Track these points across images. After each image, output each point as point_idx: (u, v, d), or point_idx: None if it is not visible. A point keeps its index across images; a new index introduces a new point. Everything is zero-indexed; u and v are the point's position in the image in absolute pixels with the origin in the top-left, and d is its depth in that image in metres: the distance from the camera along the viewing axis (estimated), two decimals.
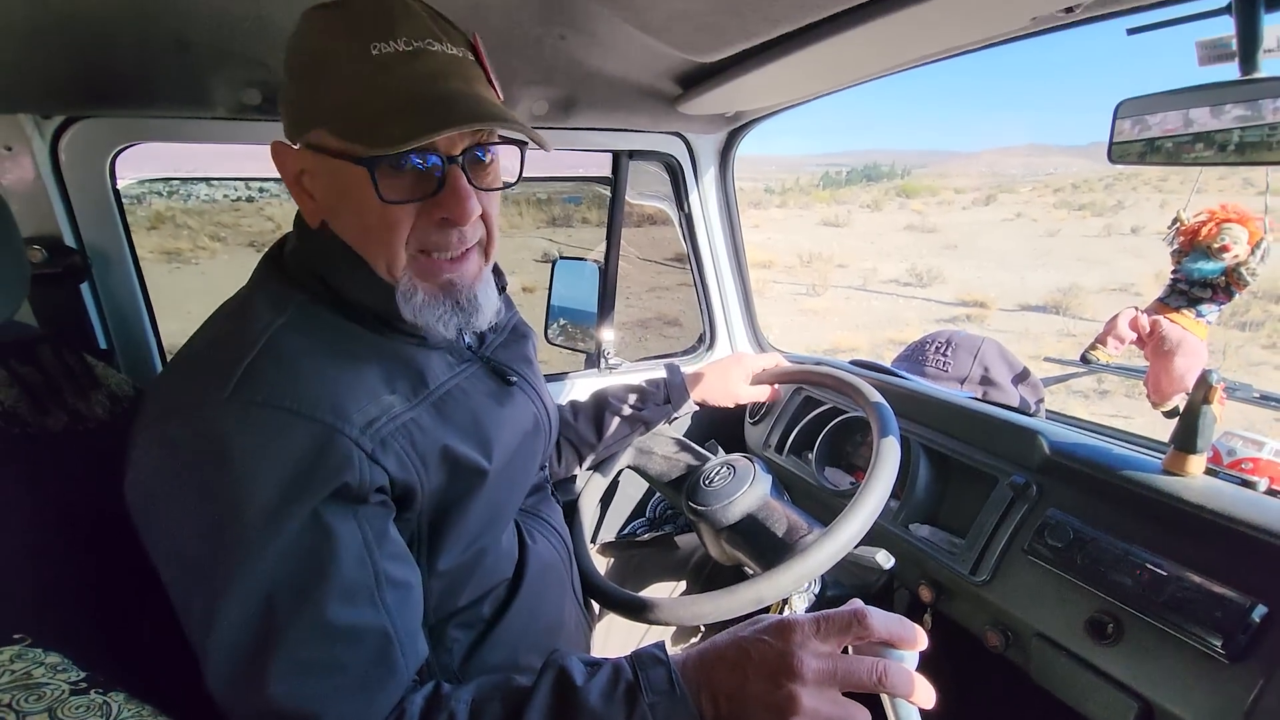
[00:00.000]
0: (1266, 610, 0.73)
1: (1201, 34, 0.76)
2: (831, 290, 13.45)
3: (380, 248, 0.66)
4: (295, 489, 0.56)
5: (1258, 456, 0.88)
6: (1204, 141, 0.77)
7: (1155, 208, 24.76)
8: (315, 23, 0.63)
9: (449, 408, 0.71)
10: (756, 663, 0.55)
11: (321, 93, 0.61)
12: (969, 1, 0.78)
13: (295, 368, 0.61)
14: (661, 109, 1.30)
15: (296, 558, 0.56)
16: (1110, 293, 11.94)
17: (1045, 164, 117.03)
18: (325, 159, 0.63)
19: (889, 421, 1.00)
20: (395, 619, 0.60)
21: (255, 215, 10.06)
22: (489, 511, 0.75)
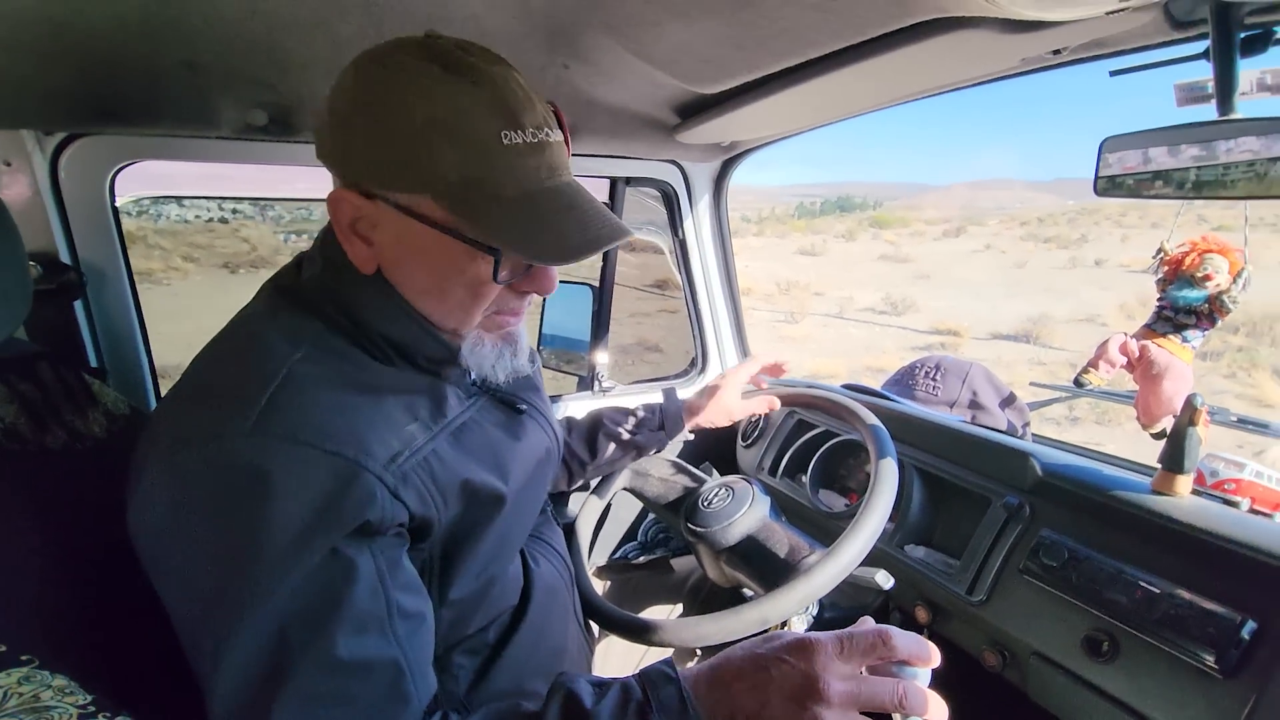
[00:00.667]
0: (1256, 626, 0.76)
1: (1180, 77, 0.81)
2: (809, 318, 13.66)
3: (460, 314, 0.67)
4: (317, 526, 0.55)
5: (1239, 477, 0.92)
6: (1182, 178, 0.81)
7: (1117, 241, 25.66)
8: (424, 81, 0.58)
9: (466, 438, 0.71)
10: (778, 683, 0.54)
11: (436, 163, 0.59)
12: (963, 43, 0.82)
13: (317, 401, 0.60)
14: (659, 138, 1.33)
15: (311, 592, 0.55)
16: (1078, 322, 12.30)
17: (1012, 198, 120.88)
18: (413, 223, 0.61)
19: (886, 444, 1.02)
20: (407, 650, 0.59)
21: (230, 236, 9.94)
22: (501, 540, 0.75)
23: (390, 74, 0.59)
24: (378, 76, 0.60)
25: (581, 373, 1.58)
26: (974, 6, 0.71)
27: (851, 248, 26.80)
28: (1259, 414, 1.02)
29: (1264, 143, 0.74)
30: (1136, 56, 0.84)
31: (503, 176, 0.60)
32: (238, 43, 0.88)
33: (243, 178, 1.21)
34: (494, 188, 0.60)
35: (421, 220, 0.61)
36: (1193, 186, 0.82)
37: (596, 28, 0.95)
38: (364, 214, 0.63)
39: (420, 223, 0.61)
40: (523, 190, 0.61)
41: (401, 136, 0.58)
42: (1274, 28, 0.72)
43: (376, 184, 0.61)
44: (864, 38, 0.85)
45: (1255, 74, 0.75)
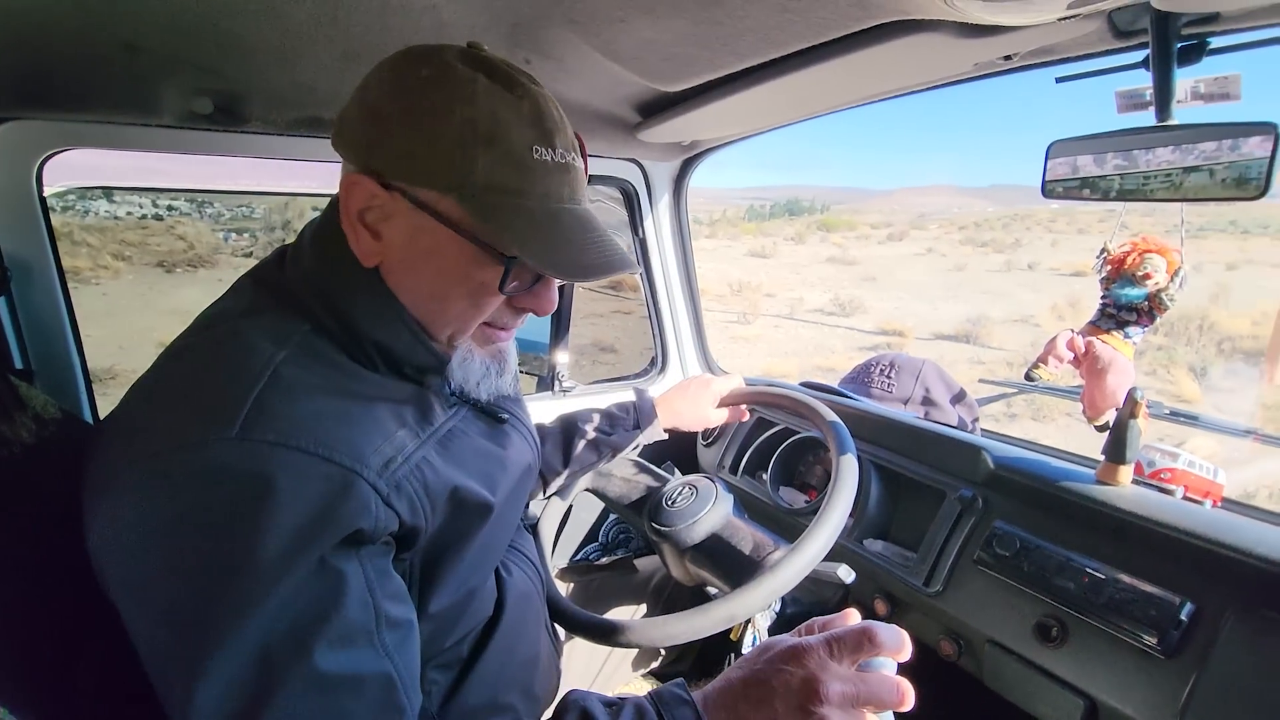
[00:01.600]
0: (1194, 608, 0.80)
1: (1121, 84, 0.85)
2: (761, 319, 13.88)
3: (456, 317, 0.66)
4: (308, 535, 0.52)
5: (1174, 467, 0.97)
6: (1108, 185, 0.85)
7: (1048, 246, 26.95)
8: (467, 85, 0.58)
9: (453, 446, 0.69)
10: (783, 694, 0.56)
11: (467, 165, 0.58)
12: (921, 46, 0.84)
13: (307, 404, 0.57)
14: (620, 136, 1.32)
15: (299, 606, 0.52)
16: (1013, 323, 12.87)
17: (951, 203, 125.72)
18: (430, 220, 0.60)
19: (846, 441, 1.04)
20: (397, 662, 0.57)
21: (165, 234, 9.46)
22: (483, 551, 0.73)
23: (434, 72, 0.59)
24: (420, 73, 0.60)
25: (541, 373, 1.56)
26: (933, 10, 0.73)
27: (800, 250, 27.38)
28: (1178, 407, 1.09)
29: (1180, 152, 0.79)
30: (1081, 64, 0.88)
31: (529, 189, 0.60)
32: (182, 25, 0.83)
33: (183, 171, 1.15)
34: (519, 198, 0.60)
35: (439, 219, 0.60)
36: (1117, 193, 0.86)
37: (560, 23, 0.94)
38: (377, 204, 0.61)
39: (437, 221, 0.60)
40: (545, 206, 0.62)
41: (436, 133, 0.58)
42: (1208, 39, 0.76)
43: (400, 177, 0.60)
44: (826, 38, 0.86)
45: (1190, 83, 0.79)
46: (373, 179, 0.60)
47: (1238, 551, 0.79)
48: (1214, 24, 0.74)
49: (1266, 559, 0.77)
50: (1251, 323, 11.10)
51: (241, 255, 9.80)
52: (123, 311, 7.79)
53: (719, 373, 1.73)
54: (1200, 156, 0.77)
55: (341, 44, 0.93)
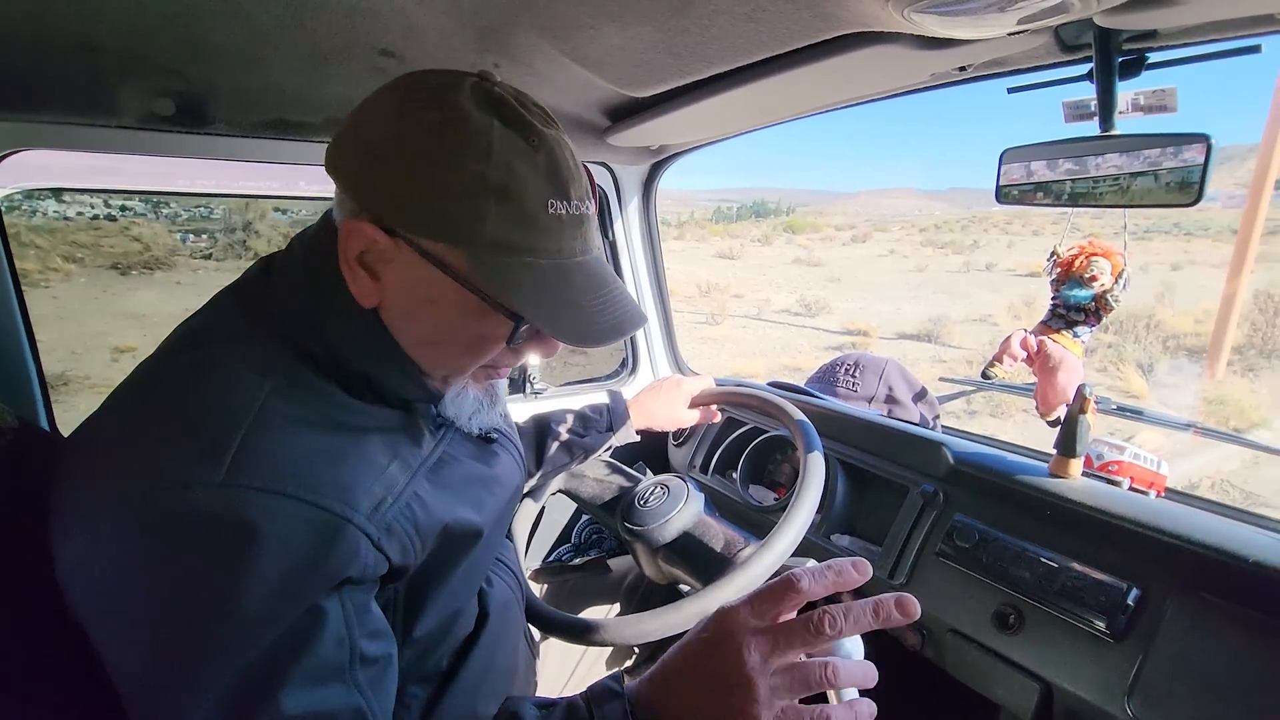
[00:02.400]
0: (1140, 593, 0.84)
1: (1067, 96, 0.89)
2: (729, 319, 14.01)
3: (455, 365, 0.66)
4: (297, 585, 0.51)
5: (1120, 459, 1.02)
6: (1060, 190, 0.90)
7: (1004, 247, 27.73)
8: (481, 136, 0.56)
9: (444, 474, 0.68)
10: (710, 667, 0.55)
11: (478, 220, 0.56)
12: (880, 57, 0.87)
13: (294, 444, 0.55)
14: (590, 140, 1.33)
15: (280, 648, 0.51)
16: (972, 322, 13.22)
17: (911, 206, 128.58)
18: (434, 271, 0.58)
19: (813, 439, 1.06)
20: (369, 697, 0.56)
21: (119, 235, 9.11)
22: (470, 573, 0.73)
23: (445, 120, 0.56)
24: (431, 120, 0.56)
25: (512, 375, 1.56)
26: (891, 23, 0.76)
27: (767, 252, 27.70)
28: (1127, 403, 1.15)
29: (1127, 158, 0.84)
30: (1031, 75, 0.92)
31: (540, 245, 0.59)
32: (143, 25, 0.81)
33: (138, 171, 1.11)
34: (530, 255, 0.58)
35: (445, 271, 0.58)
36: (1069, 197, 0.91)
37: (529, 28, 0.95)
38: (378, 247, 0.59)
39: (443, 273, 0.58)
40: (556, 264, 0.60)
41: (446, 186, 0.56)
42: (1146, 54, 0.80)
43: (405, 225, 0.58)
44: (790, 48, 0.88)
45: (1131, 95, 0.83)
46: (374, 224, 0.58)
47: (1179, 539, 0.84)
48: (1152, 40, 0.78)
49: (1205, 545, 0.81)
50: (1194, 321, 11.60)
51: (200, 257, 9.49)
52: (75, 315, 7.49)
53: (689, 373, 1.75)
54: (1142, 164, 0.81)
55: (308, 46, 0.92)
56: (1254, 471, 6.24)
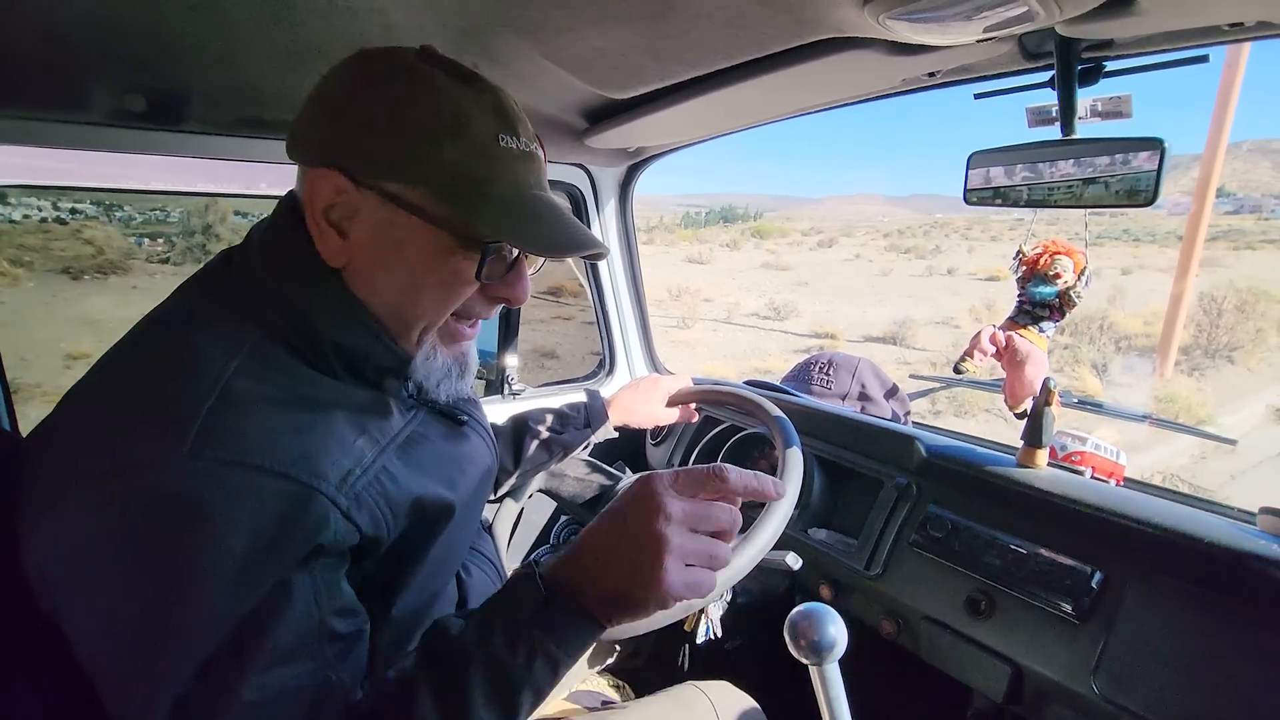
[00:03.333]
0: (1103, 576, 0.88)
1: (1030, 102, 0.93)
2: (700, 323, 14.11)
3: (427, 310, 0.66)
4: (268, 558, 0.51)
5: (1083, 450, 1.06)
6: (1017, 195, 0.94)
7: (964, 252, 28.49)
8: (429, 80, 0.60)
9: (414, 451, 0.68)
10: (625, 522, 0.56)
11: (435, 155, 0.59)
12: (853, 62, 0.90)
13: (260, 417, 0.55)
14: (568, 141, 1.34)
15: (242, 622, 0.51)
16: (936, 325, 13.55)
17: (875, 211, 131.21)
18: (400, 213, 0.61)
19: (791, 435, 1.09)
20: (338, 670, 0.56)
21: (70, 239, 8.77)
22: (445, 555, 0.73)
23: (394, 69, 0.60)
24: (380, 70, 0.61)
25: (490, 376, 1.56)
26: (866, 29, 0.79)
27: (736, 256, 28.00)
28: (1084, 397, 1.20)
29: (1087, 162, 0.88)
30: (996, 82, 0.96)
31: (497, 176, 0.62)
32: (112, 18, 0.80)
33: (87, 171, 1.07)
34: (488, 186, 0.61)
35: (410, 210, 0.60)
36: (1033, 199, 0.95)
37: (509, 29, 0.95)
38: (343, 200, 0.61)
39: (408, 213, 0.60)
40: (514, 193, 0.63)
41: (403, 126, 0.59)
42: (1104, 62, 0.85)
43: (368, 172, 0.60)
44: (768, 52, 0.91)
45: (1089, 101, 0.88)
46: (341, 174, 0.60)
47: (1139, 524, 0.88)
48: (1109, 49, 0.83)
49: (1163, 529, 0.86)
50: (1144, 322, 12.07)
51: (157, 261, 9.18)
52: (24, 322, 7.19)
53: (666, 373, 1.77)
54: (1101, 167, 0.85)
55: (285, 44, 0.92)
56: (1201, 465, 6.53)
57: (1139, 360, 10.34)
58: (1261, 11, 0.67)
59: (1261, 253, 25.41)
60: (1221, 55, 0.91)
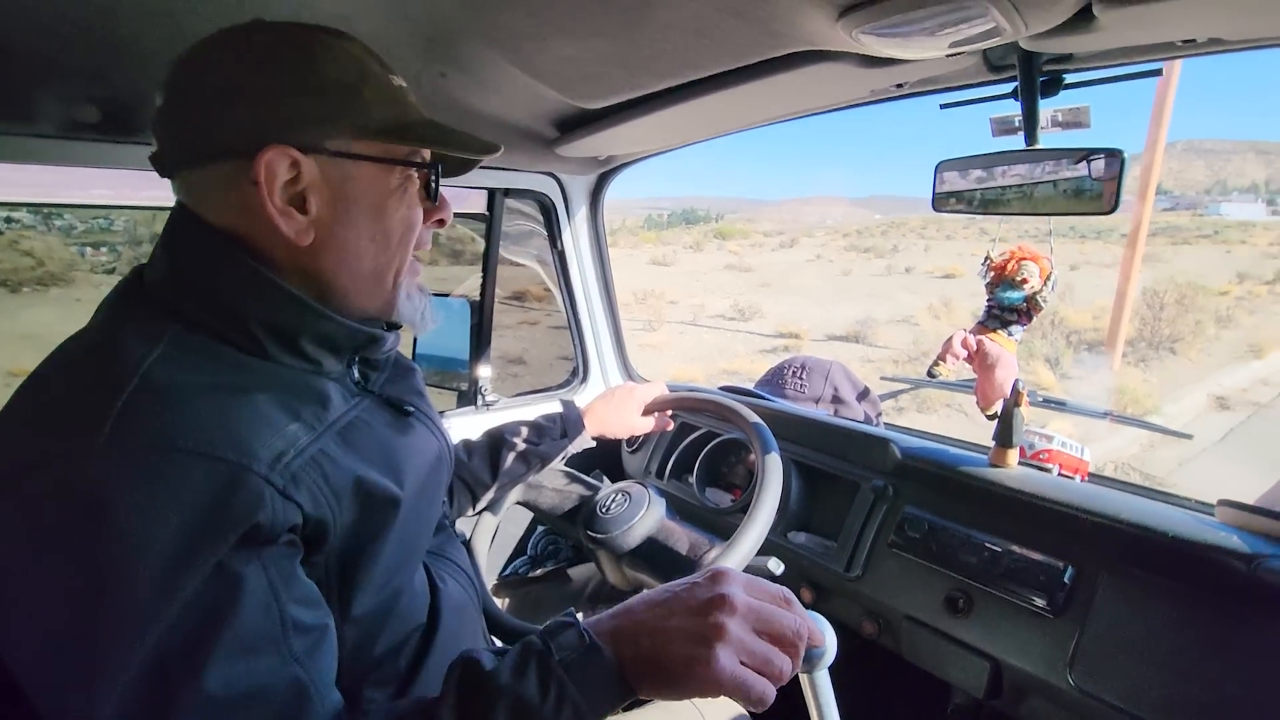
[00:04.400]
0: (1075, 571, 0.91)
1: (995, 112, 0.96)
2: (666, 325, 14.15)
3: (398, 250, 0.69)
4: (197, 540, 0.49)
5: (1050, 448, 1.10)
6: (1001, 194, 0.96)
7: (921, 251, 29.19)
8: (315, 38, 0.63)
9: (355, 436, 0.66)
10: (684, 599, 0.56)
11: (359, 105, 0.63)
12: (824, 74, 0.92)
13: (183, 402, 0.54)
14: (538, 150, 1.33)
15: (195, 616, 0.49)
16: (897, 323, 13.84)
17: (834, 212, 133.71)
18: (352, 164, 0.64)
19: (769, 441, 1.10)
20: (307, 668, 0.55)
21: (7, 250, 8.32)
22: (402, 547, 0.71)
23: (274, 36, 0.62)
24: (261, 40, 0.62)
25: (461, 387, 1.53)
26: (838, 42, 0.80)
27: (699, 258, 28.17)
28: (1048, 395, 1.24)
29: (1051, 169, 0.91)
30: (961, 93, 0.99)
31: (401, 110, 0.67)
32: (63, 27, 0.76)
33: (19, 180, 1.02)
34: (404, 116, 0.67)
35: (360, 159, 0.64)
36: (999, 205, 0.98)
37: (478, 38, 0.94)
38: (296, 173, 0.61)
39: (358, 162, 0.64)
40: (421, 118, 0.69)
41: (321, 84, 0.62)
42: (1063, 75, 0.88)
43: (307, 138, 0.61)
44: (740, 64, 0.91)
45: (1050, 112, 0.91)
46: (289, 147, 0.60)
47: (1107, 519, 0.91)
48: (1068, 63, 0.86)
49: (1130, 523, 0.89)
50: (1092, 317, 12.54)
51: (103, 271, 8.79)
52: None
53: (639, 381, 1.76)
54: (1062, 177, 0.88)
55: None
56: (1150, 454, 6.81)
57: (1089, 355, 10.74)
58: (1212, 29, 0.70)
59: (1197, 248, 26.66)
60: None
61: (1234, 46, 0.76)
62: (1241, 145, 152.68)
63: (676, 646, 0.54)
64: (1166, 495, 1.01)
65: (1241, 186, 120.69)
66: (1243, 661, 0.76)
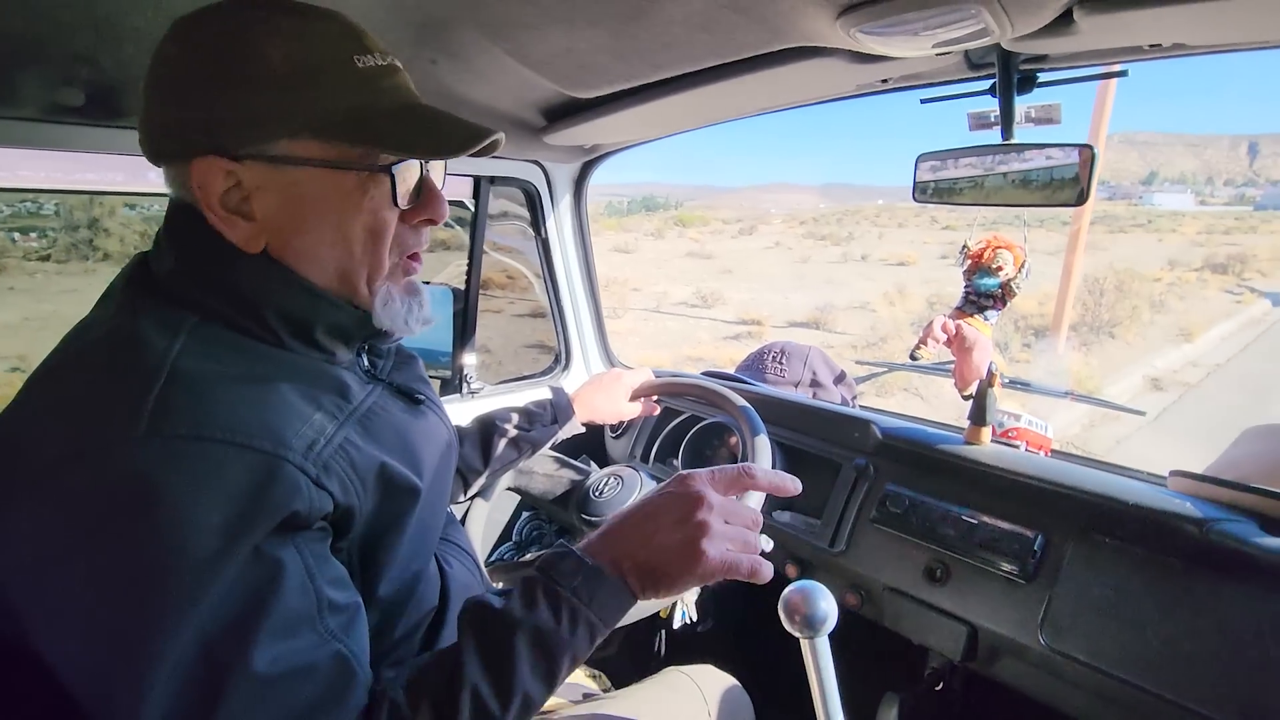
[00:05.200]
0: (1044, 539, 0.98)
1: (972, 107, 1.01)
2: (630, 312, 14.17)
3: (365, 256, 0.64)
4: (239, 528, 0.50)
5: (1018, 426, 1.17)
6: (977, 185, 1.02)
7: (875, 239, 29.86)
8: (266, 22, 0.57)
9: (374, 425, 0.67)
10: (666, 508, 0.64)
11: (309, 100, 0.58)
12: (816, 69, 0.95)
13: (214, 394, 0.54)
14: (525, 138, 1.33)
15: (237, 600, 0.50)
16: (854, 309, 14.16)
17: (791, 199, 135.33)
18: (297, 171, 0.59)
19: (757, 423, 1.14)
20: (346, 641, 0.57)
21: None
22: (421, 532, 0.73)
23: (229, 23, 0.57)
24: (216, 30, 0.57)
25: (445, 375, 1.53)
26: (834, 39, 0.83)
27: (661, 245, 28.23)
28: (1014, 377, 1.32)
29: (1025, 162, 0.96)
30: (941, 89, 1.03)
31: (369, 98, 0.60)
32: (40, 5, 0.74)
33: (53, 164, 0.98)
34: (364, 110, 0.60)
35: (305, 164, 0.59)
36: (973, 198, 1.03)
37: (471, 25, 0.94)
38: (234, 182, 0.59)
39: (305, 168, 0.59)
40: (392, 108, 0.61)
41: (265, 81, 0.56)
42: (1036, 74, 0.93)
43: (246, 142, 0.58)
44: (737, 58, 0.94)
45: (1024, 108, 0.96)
46: (221, 158, 0.58)
47: (1072, 490, 0.98)
48: (1043, 63, 0.91)
49: (1093, 493, 0.96)
50: (1038, 303, 13.04)
51: (37, 259, 8.30)
52: None
53: (620, 367, 1.79)
54: (1036, 170, 0.94)
55: None
56: (1090, 433, 7.17)
57: (1035, 339, 11.19)
58: (1179, 35, 0.76)
59: (1133, 235, 27.95)
60: None
61: (1195, 51, 0.82)
62: (1172, 138, 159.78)
63: (671, 550, 0.62)
64: (1123, 469, 1.09)
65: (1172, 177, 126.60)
66: (1196, 617, 0.83)
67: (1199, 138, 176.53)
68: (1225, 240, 25.86)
